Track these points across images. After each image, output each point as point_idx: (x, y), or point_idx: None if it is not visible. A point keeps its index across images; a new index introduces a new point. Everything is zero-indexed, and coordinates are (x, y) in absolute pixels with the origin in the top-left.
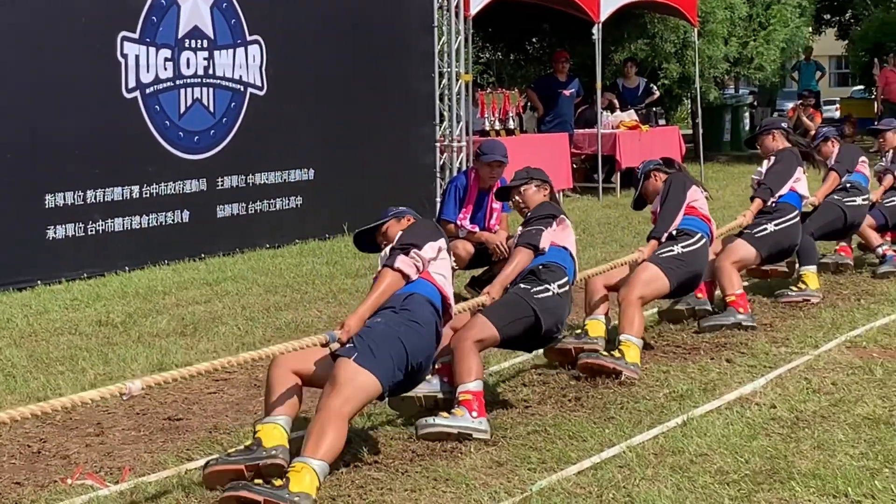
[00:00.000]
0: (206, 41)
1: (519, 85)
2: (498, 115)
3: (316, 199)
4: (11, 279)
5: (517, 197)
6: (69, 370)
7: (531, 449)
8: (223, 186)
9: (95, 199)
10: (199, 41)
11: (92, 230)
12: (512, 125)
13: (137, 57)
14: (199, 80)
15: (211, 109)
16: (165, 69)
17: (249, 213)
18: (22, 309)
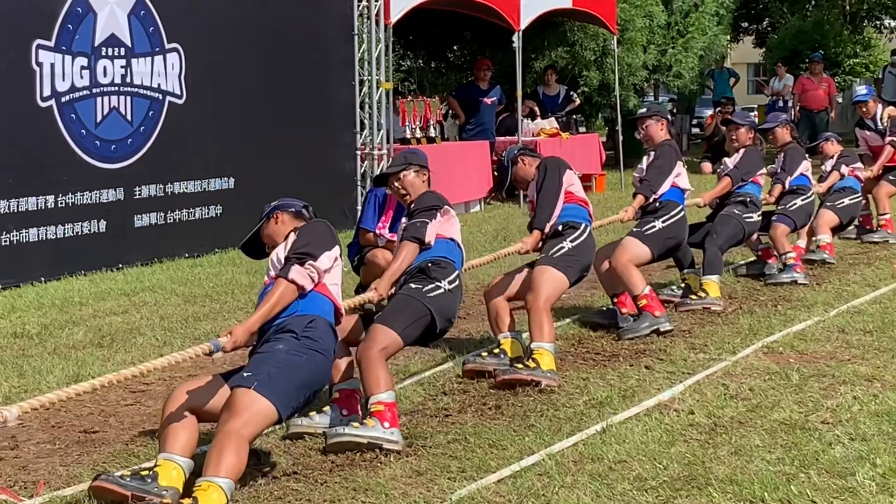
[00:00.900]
0: (123, 49)
1: (440, 93)
2: (419, 123)
3: (236, 207)
4: None
5: (396, 183)
6: None
7: (451, 458)
8: (141, 196)
9: (9, 208)
10: (116, 49)
11: (6, 241)
12: (433, 133)
13: (53, 65)
14: (116, 88)
15: (128, 118)
16: (82, 77)
17: (168, 222)
18: None
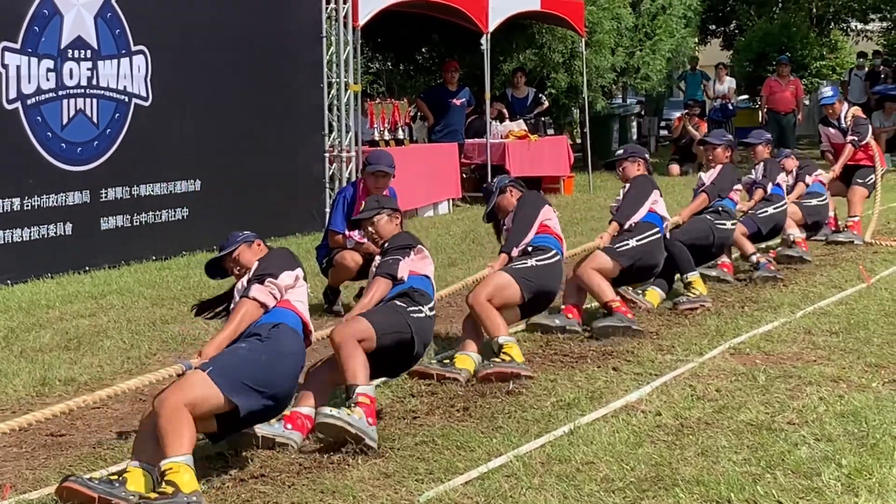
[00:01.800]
0: (89, 51)
1: (409, 95)
2: (387, 125)
3: (203, 210)
4: None
5: (370, 228)
6: None
7: (419, 460)
8: (107, 198)
9: None
10: (82, 51)
11: None
12: (401, 135)
13: (19, 67)
14: (82, 90)
15: (94, 120)
16: (48, 80)
17: (135, 224)
18: None
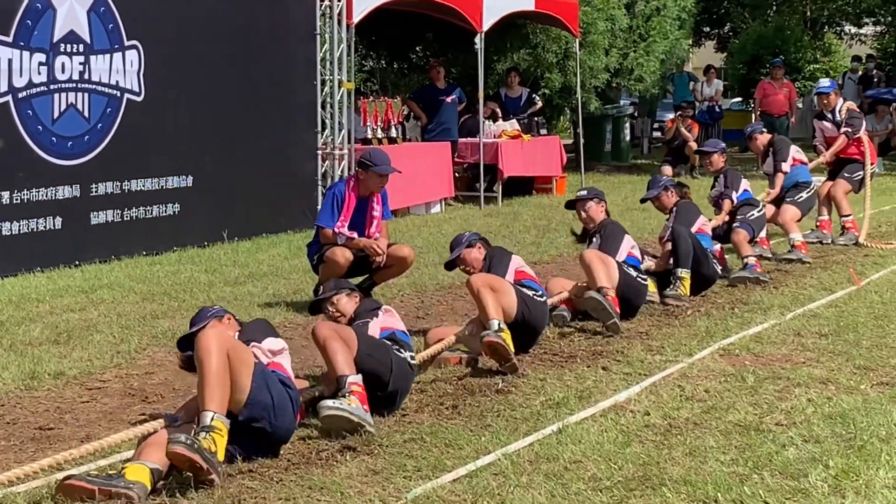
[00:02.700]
0: (82, 46)
1: (402, 93)
2: (380, 123)
3: (195, 206)
4: None
5: (331, 308)
6: None
7: (407, 457)
8: (98, 193)
9: None
10: (75, 45)
11: None
12: (394, 133)
13: (10, 61)
14: (74, 84)
15: (86, 115)
16: (39, 73)
17: (125, 219)
18: None
